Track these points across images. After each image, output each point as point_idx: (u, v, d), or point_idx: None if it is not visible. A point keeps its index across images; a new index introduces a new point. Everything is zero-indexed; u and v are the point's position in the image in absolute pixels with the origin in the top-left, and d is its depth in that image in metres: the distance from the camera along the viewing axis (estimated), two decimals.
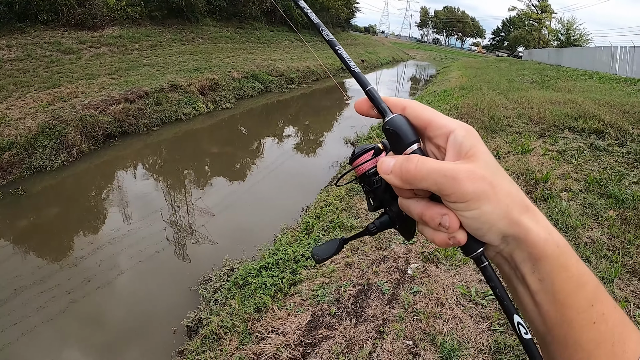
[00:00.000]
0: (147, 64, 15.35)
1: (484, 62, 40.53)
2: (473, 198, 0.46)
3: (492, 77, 21.40)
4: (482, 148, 0.49)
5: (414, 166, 0.48)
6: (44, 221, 6.95)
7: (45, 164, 8.49)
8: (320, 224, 5.46)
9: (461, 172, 0.46)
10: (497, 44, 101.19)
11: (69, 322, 4.55)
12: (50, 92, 10.98)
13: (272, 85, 19.46)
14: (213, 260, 5.47)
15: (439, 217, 0.49)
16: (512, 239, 0.47)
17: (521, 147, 7.51)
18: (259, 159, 10.71)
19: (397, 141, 0.52)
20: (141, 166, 9.66)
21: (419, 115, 0.53)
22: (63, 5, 15.28)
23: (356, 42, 44.23)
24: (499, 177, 0.48)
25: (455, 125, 0.51)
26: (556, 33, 42.82)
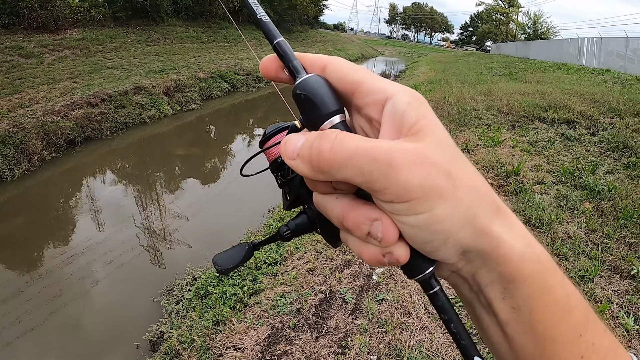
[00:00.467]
0: (110, 67, 15.35)
1: (452, 57, 41.34)
2: (420, 196, 0.31)
3: (460, 71, 22.06)
4: (433, 120, 0.34)
5: (330, 146, 0.33)
6: (5, 233, 7.04)
7: (5, 174, 8.51)
8: None
9: (402, 155, 0.31)
10: (465, 38, 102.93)
11: (27, 342, 4.49)
12: (10, 99, 10.98)
13: (240, 85, 19.59)
14: (183, 267, 5.41)
15: (368, 223, 0.34)
16: (476, 254, 0.33)
17: (491, 139, 7.39)
18: (228, 160, 10.91)
19: (312, 112, 0.37)
20: (106, 172, 9.76)
21: (344, 76, 0.38)
22: (24, 8, 15.13)
23: (324, 40, 44.49)
24: (459, 163, 0.33)
25: (395, 90, 0.36)
26: (523, 27, 43.99)
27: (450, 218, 0.31)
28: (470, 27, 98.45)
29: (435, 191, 0.31)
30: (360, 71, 0.38)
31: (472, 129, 8.19)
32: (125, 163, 10.31)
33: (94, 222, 7.27)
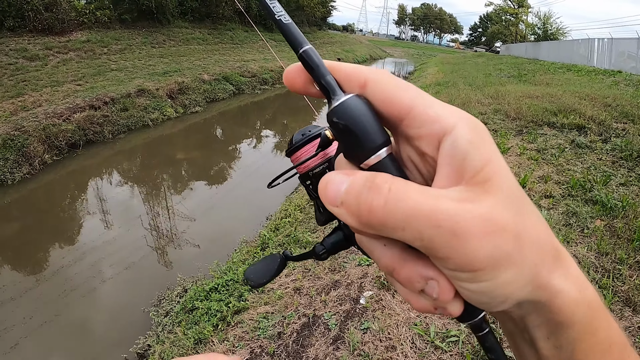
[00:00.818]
0: (115, 69, 15.32)
1: (461, 58, 41.14)
2: (486, 267, 0.28)
3: (469, 73, 21.71)
4: (500, 164, 0.30)
5: (383, 202, 0.28)
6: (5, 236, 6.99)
7: (6, 177, 8.48)
8: (277, 238, 5.24)
9: (469, 224, 0.27)
10: (474, 39, 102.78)
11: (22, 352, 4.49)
12: (13, 102, 10.96)
13: (245, 87, 19.48)
14: (184, 271, 5.37)
15: (422, 281, 0.31)
16: (531, 305, 0.31)
17: (497, 146, 7.24)
18: (230, 163, 10.79)
19: (353, 145, 0.31)
20: (108, 175, 9.69)
21: (390, 97, 0.31)
22: (30, 10, 15.15)
23: (332, 41, 44.33)
24: (526, 215, 0.30)
25: (454, 121, 0.30)
26: (533, 27, 43.70)
27: (514, 282, 0.29)
28: (480, 28, 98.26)
29: (503, 260, 0.28)
30: (409, 91, 0.31)
31: None
32: (127, 166, 10.24)
33: (95, 226, 7.19)
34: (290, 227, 5.31)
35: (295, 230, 5.16)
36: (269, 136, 14.01)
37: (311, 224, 5.22)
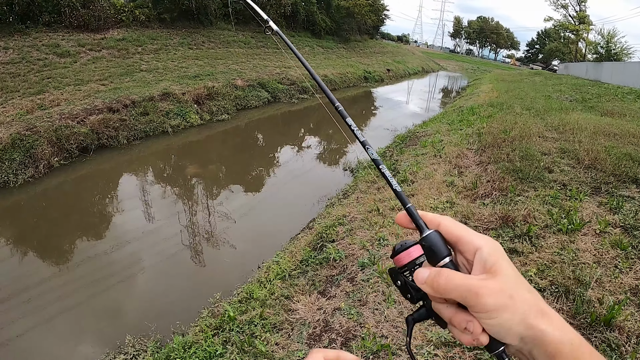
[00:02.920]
0: (144, 70, 15.44)
1: (517, 75, 39.35)
2: (493, 310, 0.55)
3: (526, 93, 20.29)
4: (504, 264, 0.59)
5: (444, 280, 0.59)
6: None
7: (9, 179, 8.46)
8: (241, 319, 4.30)
9: (482, 289, 0.56)
10: (531, 56, 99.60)
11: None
12: (33, 99, 11.11)
13: (282, 95, 19.19)
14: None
15: (465, 322, 0.58)
16: (530, 340, 0.56)
17: (566, 214, 5.22)
18: (247, 182, 10.33)
19: (432, 255, 0.64)
20: (113, 186, 9.55)
21: (451, 231, 0.64)
22: (66, 6, 15.54)
23: (384, 51, 43.76)
24: (518, 287, 0.57)
25: (482, 243, 0.61)
26: (595, 46, 41.42)
27: (511, 320, 0.55)
28: (537, 45, 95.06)
29: (502, 307, 0.55)
30: (460, 228, 0.64)
31: (540, 190, 6.07)
32: (135, 177, 10.05)
33: (92, 239, 7.09)
34: (260, 308, 4.31)
35: (261, 316, 4.15)
36: (296, 152, 13.42)
37: (288, 307, 4.34)
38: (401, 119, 18.24)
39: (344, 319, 3.79)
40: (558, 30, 63.73)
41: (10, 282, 5.83)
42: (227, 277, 5.93)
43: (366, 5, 35.83)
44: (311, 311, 4.03)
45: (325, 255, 5.05)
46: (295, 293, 4.47)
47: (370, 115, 20.79)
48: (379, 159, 0.76)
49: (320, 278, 4.66)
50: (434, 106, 24.78)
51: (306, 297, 4.34)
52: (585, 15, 50.78)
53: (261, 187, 9.74)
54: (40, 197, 8.51)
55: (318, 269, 4.89)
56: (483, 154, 8.21)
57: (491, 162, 7.59)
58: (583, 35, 52.05)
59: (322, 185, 9.31)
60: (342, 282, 4.41)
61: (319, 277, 4.68)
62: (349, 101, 23.06)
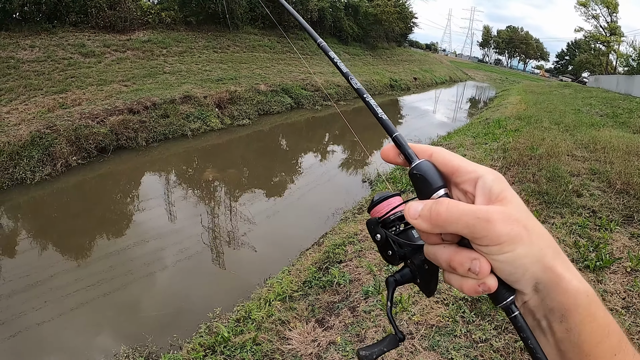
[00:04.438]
0: (168, 72, 15.62)
1: (546, 87, 38.60)
2: (507, 240, 0.47)
3: (555, 106, 19.88)
4: (512, 192, 0.51)
5: (445, 208, 0.49)
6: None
7: (27, 176, 8.62)
8: (235, 340, 4.18)
9: (495, 214, 0.47)
10: (561, 67, 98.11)
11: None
12: (55, 97, 11.33)
13: (305, 101, 19.15)
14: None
15: (469, 261, 0.49)
16: (544, 286, 0.49)
17: (594, 247, 4.88)
18: (263, 190, 10.18)
19: (424, 186, 0.54)
20: (130, 187, 9.64)
21: (446, 161, 0.56)
22: (93, 7, 15.88)
23: (411, 59, 43.47)
24: (532, 220, 0.50)
25: (484, 171, 0.53)
26: (626, 58, 40.39)
27: (527, 255, 0.47)
28: (567, 56, 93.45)
29: (517, 237, 0.47)
30: (456, 157, 0.56)
31: (567, 217, 5.73)
32: (153, 179, 10.13)
33: (108, 237, 7.18)
34: (255, 331, 4.16)
35: (254, 340, 4.01)
36: (317, 160, 13.37)
37: (282, 334, 4.17)
38: (427, 129, 18.06)
39: (337, 355, 3.62)
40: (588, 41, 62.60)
41: (28, 274, 5.93)
42: (234, 287, 5.87)
43: (394, 13, 35.72)
44: (305, 342, 3.87)
45: (330, 279, 4.88)
46: (293, 319, 4.31)
47: (396, 124, 20.62)
48: (362, 89, 0.69)
49: (320, 304, 4.48)
50: (461, 116, 24.50)
51: (303, 324, 4.18)
52: (616, 27, 49.68)
53: (278, 195, 9.64)
54: (57, 194, 8.66)
55: (320, 294, 4.72)
56: (507, 173, 7.94)
57: (515, 182, 7.32)
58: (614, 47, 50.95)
59: (339, 196, 9.15)
60: (343, 311, 4.24)
61: (320, 303, 4.50)
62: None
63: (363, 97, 0.67)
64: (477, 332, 3.61)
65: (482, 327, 3.66)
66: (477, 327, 3.67)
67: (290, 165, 12.42)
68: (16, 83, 11.64)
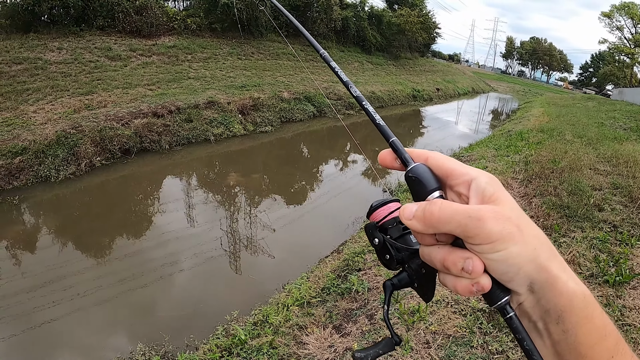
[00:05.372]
0: (192, 77, 15.78)
1: (569, 100, 38.02)
2: (499, 238, 0.46)
3: (578, 119, 19.66)
4: (505, 193, 0.52)
5: (438, 208, 0.50)
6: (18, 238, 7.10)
7: (51, 174, 8.76)
8: (252, 343, 4.21)
9: (487, 212, 0.47)
10: (584, 80, 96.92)
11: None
12: (81, 99, 11.50)
13: (327, 110, 19.18)
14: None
15: (462, 260, 0.49)
16: (539, 287, 0.48)
17: (614, 262, 4.74)
18: (283, 198, 10.13)
19: (419, 188, 0.55)
20: (154, 189, 9.69)
21: (441, 165, 0.56)
22: (120, 12, 16.18)
23: (434, 70, 43.32)
24: (525, 220, 0.50)
25: (477, 173, 0.53)
26: None
27: (520, 254, 0.47)
28: (591, 68, 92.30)
29: (510, 235, 0.47)
30: (451, 160, 0.56)
31: (587, 231, 5.58)
32: (176, 182, 10.20)
33: (130, 238, 7.22)
34: (272, 335, 4.17)
35: (271, 344, 4.00)
36: (338, 169, 13.32)
37: (299, 339, 4.15)
38: (449, 140, 17.94)
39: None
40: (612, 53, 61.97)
41: (48, 270, 6.01)
42: (251, 291, 5.86)
43: (417, 23, 35.63)
44: (322, 348, 3.83)
45: (348, 286, 4.86)
46: (310, 324, 4.29)
47: (418, 134, 20.53)
48: (361, 96, 0.71)
49: (338, 310, 4.46)
50: (483, 128, 24.26)
51: (320, 330, 4.16)
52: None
53: (298, 202, 9.61)
54: (80, 193, 8.79)
55: (338, 300, 4.69)
56: (529, 185, 7.81)
57: (537, 195, 7.16)
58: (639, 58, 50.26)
59: (359, 205, 9.03)
60: (360, 319, 4.21)
61: (338, 310, 4.47)
62: (397, 119, 22.89)
63: (362, 104, 0.69)
64: (494, 343, 3.56)
65: (499, 339, 3.60)
66: (494, 339, 3.62)
67: (311, 173, 12.38)
68: (43, 83, 11.85)
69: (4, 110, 10.14)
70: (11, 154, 8.71)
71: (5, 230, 7.20)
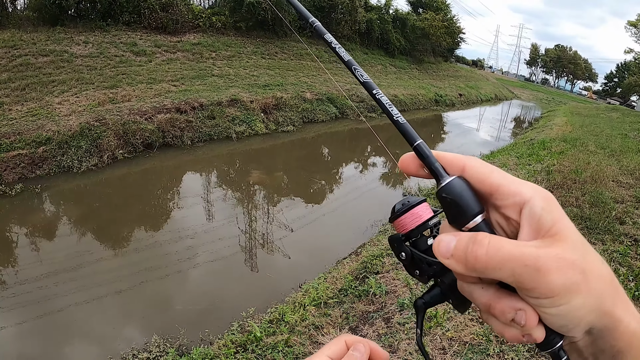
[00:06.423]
0: (216, 75, 15.79)
1: (593, 110, 37.29)
2: (561, 292, 0.39)
3: (601, 130, 19.35)
4: (566, 222, 0.43)
5: (485, 251, 0.41)
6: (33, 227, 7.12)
7: (74, 164, 8.80)
8: (267, 341, 4.16)
9: (547, 261, 0.39)
10: (609, 90, 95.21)
11: None
12: (105, 92, 11.55)
13: (350, 111, 19.09)
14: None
15: (512, 312, 0.42)
16: (598, 331, 0.43)
17: (634, 276, 4.75)
18: (303, 198, 9.98)
19: (457, 213, 0.45)
20: (176, 184, 9.70)
21: (483, 178, 0.46)
22: (146, 8, 16.29)
23: (457, 75, 42.95)
24: (590, 258, 0.42)
25: (531, 194, 0.43)
26: None
27: (584, 307, 0.40)
28: (616, 78, 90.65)
29: (574, 287, 0.39)
30: (495, 173, 0.46)
31: (608, 244, 5.59)
32: (197, 177, 10.19)
33: (149, 230, 7.23)
34: (288, 334, 4.14)
35: (286, 342, 3.97)
36: (359, 171, 13.17)
37: (315, 339, 4.11)
38: (470, 146, 17.78)
39: None
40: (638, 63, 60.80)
41: (66, 258, 6.06)
42: (267, 290, 5.81)
43: (442, 27, 35.38)
44: None
45: (366, 288, 4.78)
46: (327, 324, 4.24)
47: (439, 140, 20.29)
48: (369, 82, 0.56)
49: (355, 312, 4.40)
50: (505, 135, 23.94)
51: (336, 331, 4.11)
52: None
53: (317, 203, 9.52)
54: (101, 185, 8.83)
55: (355, 302, 4.62)
56: None
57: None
58: None
59: (378, 208, 8.91)
60: (377, 322, 4.15)
61: (354, 311, 4.41)
62: (418, 123, 22.63)
63: (372, 93, 0.55)
64: (510, 353, 3.51)
65: (516, 349, 3.54)
66: (511, 348, 3.56)
67: (331, 174, 12.25)
68: (69, 76, 11.94)
69: (29, 101, 10.23)
70: (35, 143, 8.77)
71: (26, 217, 7.27)
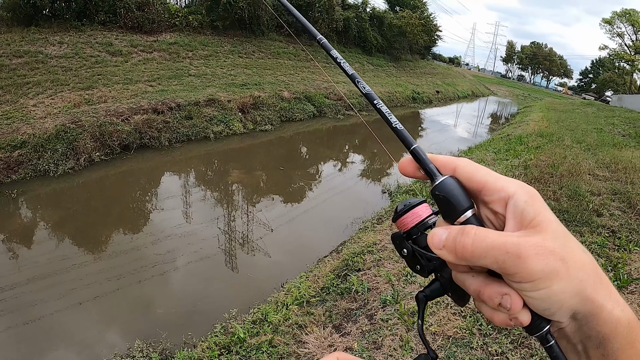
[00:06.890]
0: (193, 74, 15.79)
1: (569, 105, 37.99)
2: (541, 277, 0.43)
3: (577, 125, 19.77)
4: (548, 215, 0.48)
5: (471, 241, 0.46)
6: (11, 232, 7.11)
7: (50, 168, 8.76)
8: (250, 342, 4.17)
9: (527, 248, 0.44)
10: (584, 85, 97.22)
11: None
12: (81, 94, 11.50)
13: (327, 110, 19.26)
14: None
15: (499, 296, 0.47)
16: (583, 316, 0.46)
17: (612, 266, 4.87)
18: (281, 197, 10.11)
19: (449, 208, 0.51)
20: (154, 185, 9.72)
21: (471, 177, 0.51)
22: (121, 7, 16.18)
23: (434, 72, 43.42)
24: (570, 247, 0.46)
25: (515, 189, 0.49)
26: None
27: (564, 291, 0.44)
28: (591, 74, 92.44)
29: (553, 273, 0.43)
30: (483, 171, 0.51)
31: (586, 236, 5.70)
32: (174, 178, 10.22)
33: (127, 233, 7.20)
34: (272, 334, 4.17)
35: (270, 343, 4.00)
36: (337, 169, 13.32)
37: (299, 338, 4.17)
38: (448, 143, 18.08)
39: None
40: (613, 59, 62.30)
41: (44, 264, 6.03)
42: (249, 290, 5.86)
43: (418, 25, 35.78)
44: (321, 347, 3.85)
45: (348, 286, 4.88)
46: (310, 323, 4.30)
47: (417, 137, 20.52)
48: (371, 93, 0.63)
49: (338, 310, 4.48)
50: (482, 132, 24.33)
51: (320, 329, 4.17)
52: None
53: (297, 202, 9.62)
54: (78, 188, 8.78)
55: (338, 300, 4.70)
56: None
57: None
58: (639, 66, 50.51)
59: (358, 205, 9.08)
60: (360, 319, 4.24)
61: (337, 309, 4.49)
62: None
63: (373, 103, 0.62)
64: (494, 345, 3.61)
65: (499, 341, 3.65)
66: (494, 341, 3.67)
67: (310, 172, 12.37)
68: (44, 77, 11.84)
69: (3, 104, 10.14)
70: (10, 147, 8.72)
71: (2, 223, 7.21)
